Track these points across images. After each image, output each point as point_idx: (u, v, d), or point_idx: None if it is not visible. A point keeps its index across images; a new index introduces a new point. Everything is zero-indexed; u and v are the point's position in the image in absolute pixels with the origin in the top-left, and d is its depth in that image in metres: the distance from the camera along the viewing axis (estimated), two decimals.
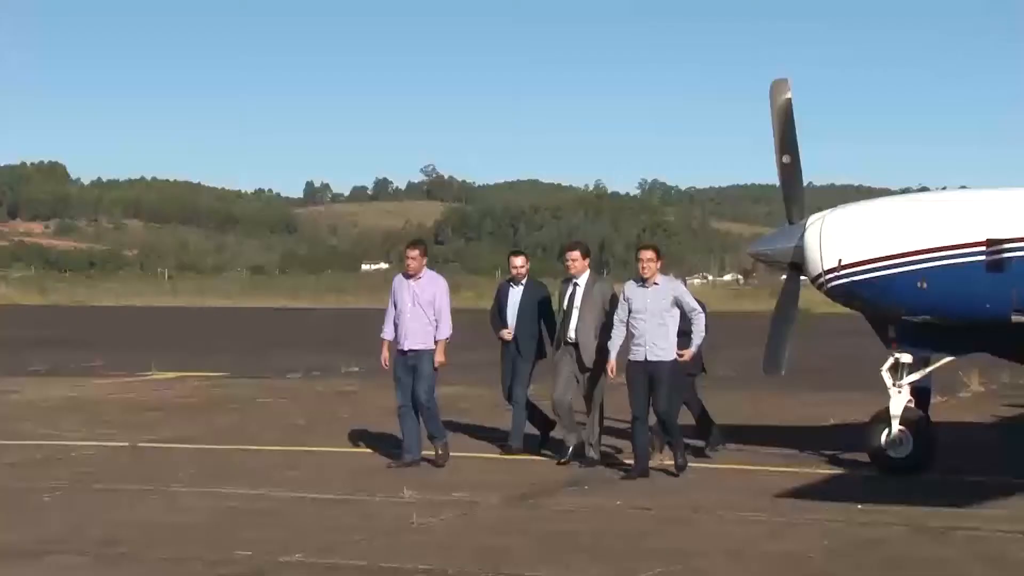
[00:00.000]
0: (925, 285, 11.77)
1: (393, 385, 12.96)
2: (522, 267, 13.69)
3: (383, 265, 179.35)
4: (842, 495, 11.08)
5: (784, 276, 13.33)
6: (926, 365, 12.54)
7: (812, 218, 12.58)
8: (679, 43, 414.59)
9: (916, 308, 11.99)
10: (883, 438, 12.41)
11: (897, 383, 12.42)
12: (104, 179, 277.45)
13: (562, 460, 12.82)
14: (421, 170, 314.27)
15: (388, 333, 12.87)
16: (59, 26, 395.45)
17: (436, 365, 12.68)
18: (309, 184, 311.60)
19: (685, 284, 13.21)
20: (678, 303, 12.19)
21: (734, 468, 12.91)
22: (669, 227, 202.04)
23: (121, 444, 14.86)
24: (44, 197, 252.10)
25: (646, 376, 12.04)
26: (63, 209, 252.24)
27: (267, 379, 24.02)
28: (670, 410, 12.18)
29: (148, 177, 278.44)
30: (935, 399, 14.98)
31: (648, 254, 12.26)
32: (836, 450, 13.85)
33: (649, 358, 12.04)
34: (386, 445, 14.39)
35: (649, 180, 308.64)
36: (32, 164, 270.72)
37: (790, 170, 12.79)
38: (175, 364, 28.37)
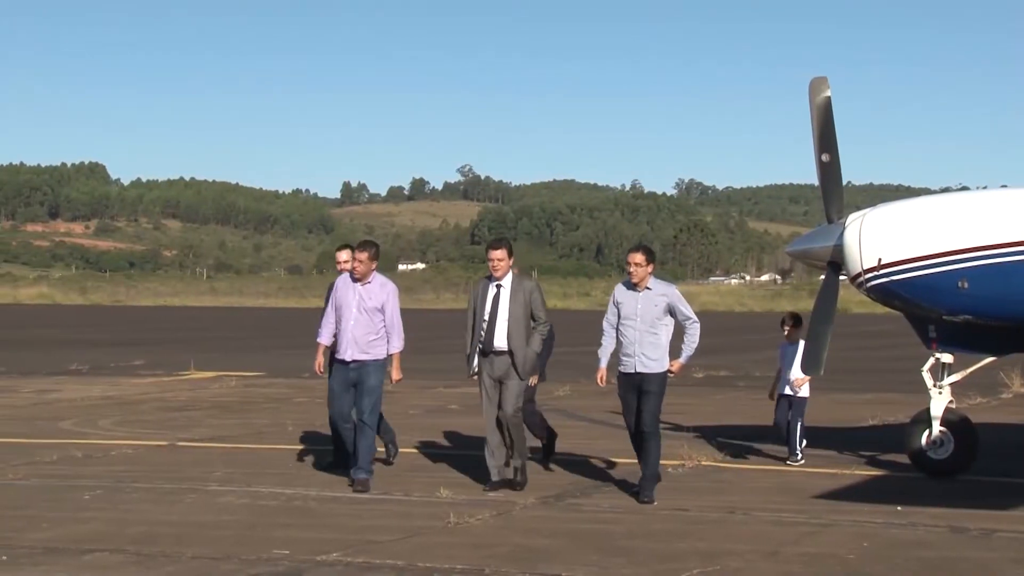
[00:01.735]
0: (966, 285, 11.65)
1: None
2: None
3: (420, 265, 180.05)
4: (881, 496, 11.00)
5: (823, 276, 13.24)
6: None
7: (851, 217, 12.49)
8: (717, 43, 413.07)
9: (956, 308, 11.88)
10: (923, 439, 12.32)
11: (938, 384, 12.32)
12: (144, 179, 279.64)
13: (491, 488, 11.39)
14: (458, 170, 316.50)
15: (325, 337, 11.83)
16: (99, 29, 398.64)
17: (395, 380, 11.81)
18: (346, 184, 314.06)
19: (671, 290, 11.87)
20: (671, 310, 11.16)
21: (771, 469, 12.85)
22: (706, 227, 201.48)
23: (159, 443, 14.96)
24: (84, 198, 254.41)
25: (637, 390, 11.11)
26: (103, 209, 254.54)
27: (304, 379, 24.10)
28: (655, 424, 11.09)
29: (187, 177, 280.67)
30: (976, 400, 14.98)
31: (637, 257, 11.14)
32: (875, 451, 13.76)
33: (639, 369, 11.06)
34: (423, 446, 14.40)
35: (686, 180, 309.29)
36: (73, 165, 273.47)
37: (829, 169, 12.71)
38: (213, 364, 28.54)
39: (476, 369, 11.59)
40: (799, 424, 13.12)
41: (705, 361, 29.41)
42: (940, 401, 12.31)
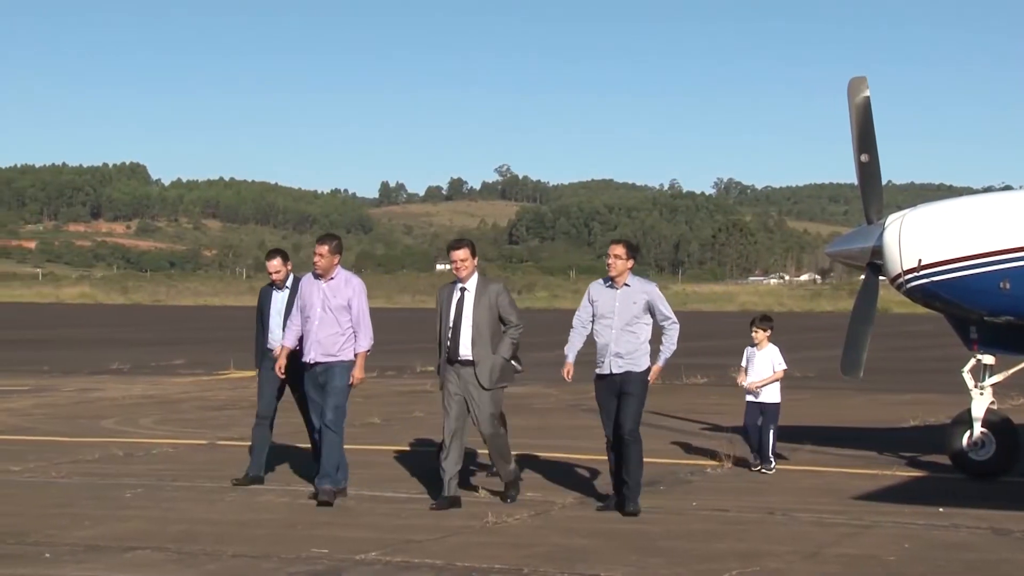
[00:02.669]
0: (1008, 286, 11.55)
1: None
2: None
3: None
4: (922, 498, 10.92)
5: (862, 276, 13.16)
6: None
7: (891, 217, 12.41)
8: (756, 42, 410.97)
9: (998, 309, 11.78)
10: (965, 440, 12.23)
11: (979, 385, 12.23)
12: (184, 180, 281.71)
13: (438, 506, 10.52)
14: (496, 170, 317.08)
15: (290, 339, 11.11)
16: (142, 31, 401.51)
17: (353, 381, 10.95)
18: (384, 184, 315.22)
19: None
20: (651, 309, 10.47)
21: (811, 470, 12.78)
22: (745, 227, 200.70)
23: (200, 442, 15.07)
24: (126, 198, 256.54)
25: (615, 393, 10.40)
26: (144, 209, 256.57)
27: None
28: (636, 431, 10.41)
29: (226, 178, 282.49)
30: (1018, 401, 14.84)
31: (618, 249, 10.48)
32: (916, 452, 13.66)
33: (614, 370, 10.35)
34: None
35: (725, 179, 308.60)
36: (114, 165, 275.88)
37: (869, 168, 12.64)
38: (252, 363, 28.68)
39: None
40: (771, 431, 12.57)
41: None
42: (981, 402, 12.22)
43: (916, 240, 12.05)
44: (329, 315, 10.86)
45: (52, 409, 19.06)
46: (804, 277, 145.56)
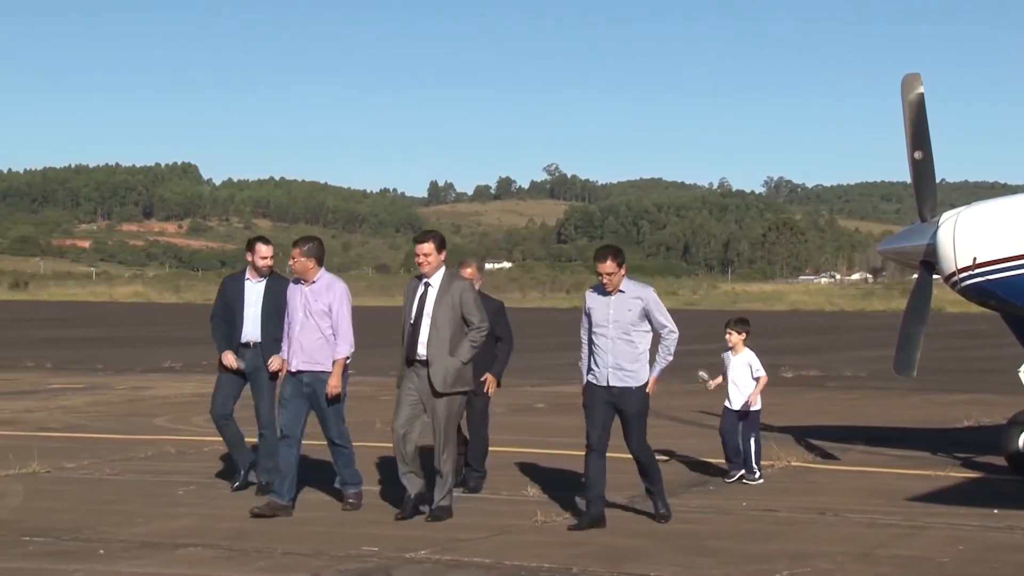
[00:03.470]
0: None
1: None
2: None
3: (506, 264, 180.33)
4: (977, 499, 10.80)
5: (915, 275, 13.03)
6: None
7: (945, 215, 12.29)
8: (805, 40, 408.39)
9: None
10: (1020, 441, 12.08)
11: None
12: (235, 179, 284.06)
13: (402, 515, 10.06)
14: (544, 169, 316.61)
15: (285, 349, 10.68)
16: (194, 31, 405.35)
17: (329, 393, 10.38)
18: (433, 183, 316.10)
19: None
20: (647, 315, 9.86)
21: (863, 470, 12.67)
22: (795, 225, 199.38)
23: (250, 440, 15.13)
24: (177, 198, 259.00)
25: (607, 403, 9.79)
26: (196, 209, 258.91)
27: (391, 376, 24.23)
28: (646, 447, 9.93)
29: (277, 177, 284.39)
30: None
31: (607, 266, 9.71)
32: (970, 453, 13.51)
33: (612, 383, 9.74)
34: (509, 444, 14.42)
35: (775, 178, 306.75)
36: (166, 165, 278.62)
37: (922, 166, 12.53)
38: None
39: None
40: (753, 439, 11.92)
41: (795, 361, 29.10)
42: None
43: (971, 238, 11.91)
44: (311, 320, 10.38)
45: (106, 407, 19.26)
46: (856, 276, 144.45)
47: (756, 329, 13.16)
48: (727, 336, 12.09)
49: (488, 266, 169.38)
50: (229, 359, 11.30)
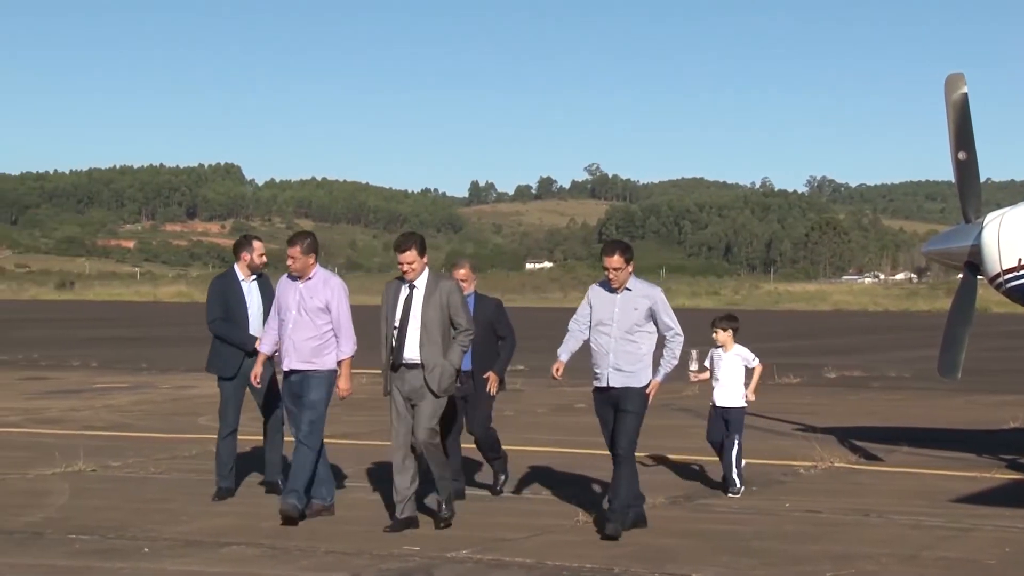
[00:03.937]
0: None
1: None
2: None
3: (547, 264, 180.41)
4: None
5: (960, 276, 12.92)
6: None
7: (990, 216, 12.19)
8: (848, 39, 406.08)
9: None
10: None
11: None
12: (277, 180, 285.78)
13: (443, 520, 9.70)
14: (585, 169, 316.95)
15: (267, 345, 10.37)
16: (235, 34, 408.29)
17: (342, 394, 10.10)
18: (474, 183, 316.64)
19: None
20: (653, 315, 9.53)
21: (908, 472, 12.58)
22: (838, 225, 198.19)
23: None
24: (220, 198, 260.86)
25: (612, 406, 9.54)
26: (238, 209, 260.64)
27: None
28: (631, 450, 9.50)
29: (319, 178, 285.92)
30: None
31: (614, 261, 9.42)
32: (1017, 454, 13.38)
33: (613, 383, 9.44)
34: (550, 444, 14.42)
35: (818, 177, 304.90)
36: (209, 166, 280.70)
37: (966, 166, 12.42)
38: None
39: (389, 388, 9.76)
40: (736, 443, 11.21)
41: (838, 361, 28.95)
42: None
43: (1016, 239, 11.80)
44: (304, 317, 9.99)
45: (150, 406, 19.42)
46: (900, 276, 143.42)
47: (800, 330, 13.05)
48: (715, 334, 11.47)
49: (529, 266, 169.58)
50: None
